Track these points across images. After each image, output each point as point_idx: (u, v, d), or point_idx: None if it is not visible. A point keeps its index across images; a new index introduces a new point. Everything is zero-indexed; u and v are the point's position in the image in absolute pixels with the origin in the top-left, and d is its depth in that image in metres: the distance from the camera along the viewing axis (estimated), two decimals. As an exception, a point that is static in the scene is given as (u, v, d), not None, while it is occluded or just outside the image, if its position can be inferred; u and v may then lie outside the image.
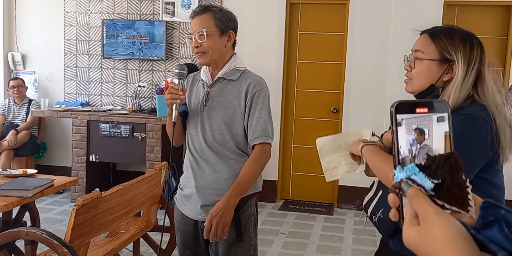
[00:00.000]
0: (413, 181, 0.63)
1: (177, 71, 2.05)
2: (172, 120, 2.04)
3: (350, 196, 5.26)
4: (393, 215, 0.68)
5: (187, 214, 2.17)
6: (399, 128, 0.68)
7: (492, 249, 0.54)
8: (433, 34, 1.52)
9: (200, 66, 2.22)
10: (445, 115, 0.69)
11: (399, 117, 0.68)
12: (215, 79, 2.12)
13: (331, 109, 5.33)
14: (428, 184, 0.62)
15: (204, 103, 2.10)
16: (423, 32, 1.57)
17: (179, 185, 2.26)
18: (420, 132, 0.68)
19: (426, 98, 1.49)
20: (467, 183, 0.62)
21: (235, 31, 2.13)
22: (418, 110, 0.68)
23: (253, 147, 2.09)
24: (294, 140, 5.47)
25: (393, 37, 4.90)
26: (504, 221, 0.56)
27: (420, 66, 1.52)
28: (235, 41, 2.15)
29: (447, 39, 1.48)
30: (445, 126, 0.69)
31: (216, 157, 2.09)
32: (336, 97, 5.30)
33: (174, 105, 2.03)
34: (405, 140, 0.68)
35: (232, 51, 2.16)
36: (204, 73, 2.16)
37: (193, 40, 2.05)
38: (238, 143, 2.10)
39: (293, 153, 5.49)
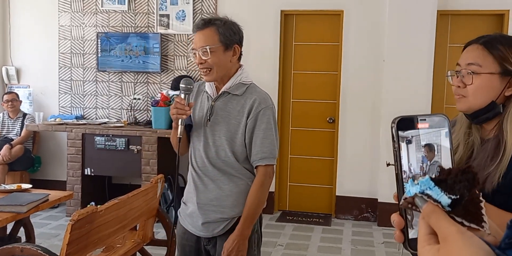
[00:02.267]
0: (429, 196, 0.59)
1: (183, 85, 1.97)
2: (178, 136, 1.99)
3: (347, 207, 5.23)
4: (398, 237, 0.65)
5: (189, 229, 2.12)
6: (409, 146, 0.65)
7: None
8: (488, 44, 1.34)
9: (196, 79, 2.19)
10: (448, 129, 0.68)
11: (408, 133, 0.66)
12: (219, 93, 2.05)
13: (327, 119, 5.32)
14: (445, 199, 0.58)
15: (208, 118, 2.04)
16: (471, 43, 1.39)
17: (182, 199, 2.22)
18: (430, 148, 0.66)
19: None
20: (481, 198, 0.59)
21: (241, 44, 2.04)
22: (419, 125, 0.66)
23: (256, 167, 2.05)
24: (291, 151, 5.45)
25: (387, 47, 4.92)
26: None
27: (479, 82, 1.33)
28: (241, 53, 2.07)
29: (506, 48, 1.32)
30: (449, 141, 0.67)
31: (218, 173, 2.04)
32: (332, 107, 5.30)
33: (180, 120, 1.97)
34: (415, 158, 0.65)
35: (238, 64, 2.08)
36: (209, 85, 2.09)
37: (197, 56, 1.97)
38: (239, 160, 2.04)
39: (290, 164, 5.47)
